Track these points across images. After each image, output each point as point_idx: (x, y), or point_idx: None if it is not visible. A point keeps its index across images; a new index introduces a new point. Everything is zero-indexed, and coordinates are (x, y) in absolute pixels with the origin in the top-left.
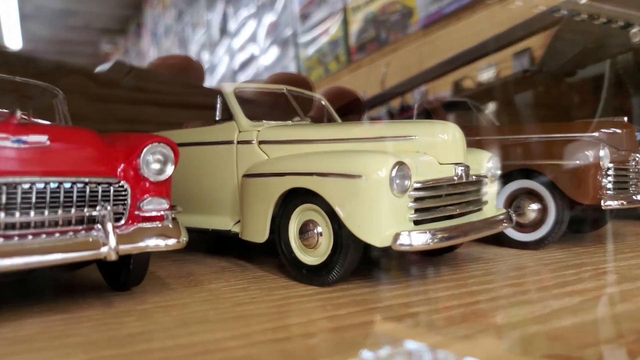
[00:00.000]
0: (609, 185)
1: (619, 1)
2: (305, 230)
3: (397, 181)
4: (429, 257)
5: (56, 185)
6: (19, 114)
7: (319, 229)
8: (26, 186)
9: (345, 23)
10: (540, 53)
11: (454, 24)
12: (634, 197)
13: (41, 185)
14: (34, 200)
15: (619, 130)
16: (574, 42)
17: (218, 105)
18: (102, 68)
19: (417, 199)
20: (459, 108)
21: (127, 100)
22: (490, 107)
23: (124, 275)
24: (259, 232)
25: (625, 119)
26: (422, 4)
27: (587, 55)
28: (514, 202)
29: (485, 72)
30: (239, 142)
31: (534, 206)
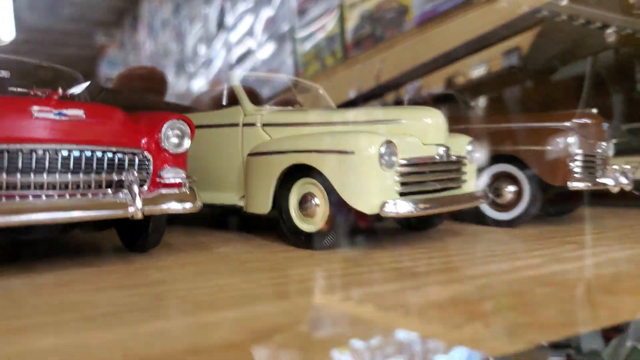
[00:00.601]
0: (577, 170)
1: (597, 3)
2: (304, 201)
3: (386, 157)
4: (415, 232)
5: (90, 153)
6: (60, 91)
7: (317, 200)
8: (65, 153)
9: (341, 19)
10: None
11: (448, 23)
12: (597, 180)
13: (77, 153)
14: (71, 165)
15: (588, 121)
16: (555, 41)
17: (225, 92)
18: (76, 90)
19: (402, 174)
20: (447, 100)
21: None
22: (479, 101)
23: (142, 238)
24: (262, 204)
25: (595, 110)
26: (417, 2)
27: (567, 54)
28: (492, 184)
29: (476, 69)
30: (244, 125)
31: (511, 188)
